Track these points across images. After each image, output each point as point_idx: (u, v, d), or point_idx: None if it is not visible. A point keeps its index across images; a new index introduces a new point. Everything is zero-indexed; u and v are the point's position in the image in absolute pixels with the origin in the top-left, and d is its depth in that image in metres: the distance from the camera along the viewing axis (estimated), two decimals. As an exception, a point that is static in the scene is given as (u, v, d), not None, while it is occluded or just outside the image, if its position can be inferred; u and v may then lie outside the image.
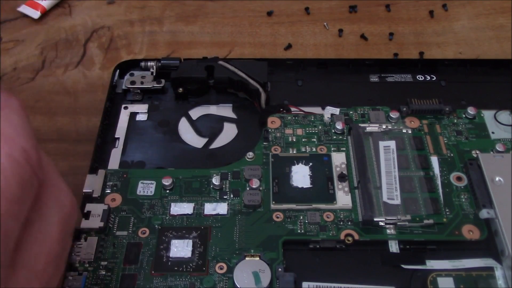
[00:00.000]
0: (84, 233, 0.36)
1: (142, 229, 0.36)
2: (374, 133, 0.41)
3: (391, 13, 0.56)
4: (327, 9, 0.57)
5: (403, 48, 0.53)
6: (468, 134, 0.42)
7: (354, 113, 0.43)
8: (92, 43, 0.52)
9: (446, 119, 0.43)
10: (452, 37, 0.54)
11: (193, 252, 0.35)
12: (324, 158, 0.40)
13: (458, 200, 0.38)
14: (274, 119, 0.43)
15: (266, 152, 0.41)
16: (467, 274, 0.35)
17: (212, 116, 0.44)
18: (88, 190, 0.38)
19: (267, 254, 0.35)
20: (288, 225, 0.37)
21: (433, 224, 0.36)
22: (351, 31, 0.54)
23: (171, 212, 0.37)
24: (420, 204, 0.37)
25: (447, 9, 0.56)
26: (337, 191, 0.38)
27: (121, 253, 0.35)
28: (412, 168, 0.39)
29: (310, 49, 0.53)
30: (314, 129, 0.42)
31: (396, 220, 0.36)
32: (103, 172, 0.39)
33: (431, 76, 0.47)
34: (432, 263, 0.35)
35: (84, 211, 0.37)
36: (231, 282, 0.34)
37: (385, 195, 0.37)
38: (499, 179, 0.37)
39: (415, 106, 0.43)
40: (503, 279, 0.34)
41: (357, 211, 0.37)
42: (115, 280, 0.34)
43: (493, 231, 0.36)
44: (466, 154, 0.41)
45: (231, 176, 0.39)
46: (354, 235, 0.36)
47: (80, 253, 0.35)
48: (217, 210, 0.37)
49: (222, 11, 0.56)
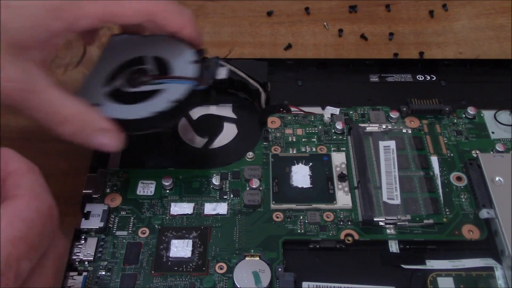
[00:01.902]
0: (84, 233, 0.36)
1: (142, 229, 0.36)
2: (374, 133, 0.41)
3: (391, 13, 0.56)
4: (327, 9, 0.57)
5: (403, 48, 0.53)
6: (468, 134, 0.42)
7: (354, 113, 0.43)
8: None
9: (446, 119, 0.43)
10: (452, 37, 0.54)
11: (193, 252, 0.35)
12: (324, 158, 0.40)
13: (458, 200, 0.38)
14: (274, 119, 0.43)
15: (266, 152, 0.41)
16: (467, 274, 0.35)
17: (212, 116, 0.44)
18: (88, 190, 0.38)
19: (267, 254, 0.35)
20: (288, 225, 0.37)
21: (433, 224, 0.36)
22: (351, 31, 0.54)
23: (171, 212, 0.37)
24: (420, 204, 0.37)
25: (447, 9, 0.56)
26: (337, 191, 0.38)
27: (121, 253, 0.35)
28: (412, 168, 0.39)
29: (310, 49, 0.53)
30: (314, 129, 0.42)
31: (396, 220, 0.36)
32: (103, 172, 0.39)
33: (431, 76, 0.47)
34: (432, 263, 0.35)
35: (84, 211, 0.37)
36: (231, 282, 0.34)
37: (385, 195, 0.37)
38: (499, 179, 0.37)
39: (415, 106, 0.43)
40: (503, 279, 0.34)
41: (357, 211, 0.37)
42: (115, 280, 0.34)
43: (493, 231, 0.36)
44: (466, 154, 0.41)
45: (231, 176, 0.39)
46: (354, 235, 0.36)
47: (80, 253, 0.35)
48: (217, 210, 0.37)
49: (222, 11, 0.56)
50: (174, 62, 0.37)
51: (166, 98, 0.35)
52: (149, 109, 0.34)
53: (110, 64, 0.38)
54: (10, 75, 0.30)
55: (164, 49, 0.38)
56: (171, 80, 0.36)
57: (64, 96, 0.32)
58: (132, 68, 0.38)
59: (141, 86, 0.36)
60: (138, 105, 0.35)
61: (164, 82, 0.36)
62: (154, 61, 0.38)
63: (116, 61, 0.38)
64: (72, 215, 0.39)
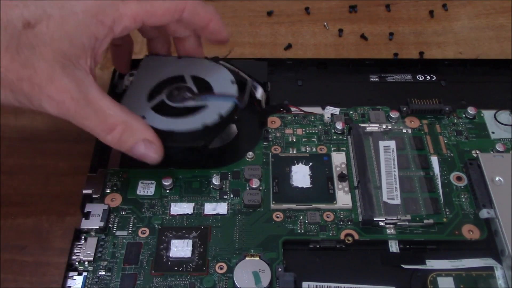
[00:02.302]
0: (84, 233, 0.36)
1: (142, 229, 0.36)
2: (374, 133, 0.41)
3: (391, 13, 0.56)
4: (327, 9, 0.57)
5: (403, 48, 0.53)
6: (468, 134, 0.42)
7: (354, 113, 0.43)
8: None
9: (446, 119, 0.43)
10: (452, 37, 0.54)
11: (193, 252, 0.35)
12: (324, 158, 0.40)
13: (458, 200, 0.38)
14: (274, 119, 0.43)
15: (266, 152, 0.41)
16: (467, 274, 0.35)
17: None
18: (88, 190, 0.38)
19: (267, 254, 0.35)
20: (288, 225, 0.37)
21: (433, 224, 0.36)
22: (351, 31, 0.54)
23: (171, 212, 0.37)
24: (420, 204, 0.37)
25: (447, 9, 0.56)
26: (337, 191, 0.38)
27: (121, 253, 0.35)
28: (412, 168, 0.39)
29: (310, 49, 0.53)
30: (314, 129, 0.42)
31: (396, 220, 0.36)
32: (103, 172, 0.39)
33: (431, 76, 0.47)
34: (432, 263, 0.35)
35: (84, 211, 0.37)
36: (231, 282, 0.34)
37: (385, 195, 0.37)
38: (499, 179, 0.37)
39: (415, 106, 0.43)
40: (503, 279, 0.34)
41: (357, 211, 0.37)
42: (115, 280, 0.34)
43: (493, 231, 0.36)
44: (466, 154, 0.41)
45: (231, 176, 0.39)
46: (354, 235, 0.36)
47: (80, 253, 0.35)
48: (217, 210, 0.37)
49: (222, 11, 0.56)
50: (213, 81, 0.39)
51: (212, 112, 0.36)
52: (196, 123, 0.36)
53: (149, 83, 0.39)
54: (64, 85, 0.30)
55: (200, 69, 0.40)
56: (214, 97, 0.37)
57: (112, 104, 0.33)
58: (173, 85, 0.39)
59: (184, 102, 0.37)
60: (184, 118, 0.36)
61: (208, 98, 0.37)
62: (192, 80, 0.39)
63: (154, 80, 0.39)
64: (72, 215, 0.39)
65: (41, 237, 0.39)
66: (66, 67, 0.31)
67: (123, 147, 0.34)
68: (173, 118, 0.36)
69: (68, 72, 0.31)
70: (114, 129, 0.33)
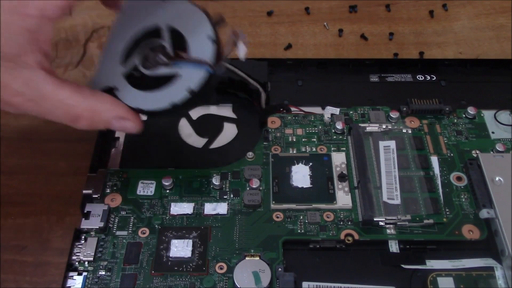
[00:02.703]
0: (84, 233, 0.36)
1: (142, 229, 0.36)
2: (374, 133, 0.41)
3: (391, 13, 0.56)
4: (327, 9, 0.57)
5: (403, 48, 0.53)
6: (468, 134, 0.42)
7: (354, 113, 0.43)
8: (92, 43, 0.52)
9: (446, 119, 0.43)
10: (452, 37, 0.54)
11: (193, 252, 0.35)
12: (324, 158, 0.40)
13: (458, 200, 0.38)
14: (274, 119, 0.43)
15: (266, 152, 0.41)
16: (467, 274, 0.35)
17: (212, 116, 0.44)
18: (88, 190, 0.38)
19: (267, 254, 0.35)
20: (288, 225, 0.37)
21: (433, 224, 0.36)
22: (351, 31, 0.54)
23: (171, 212, 0.37)
24: (420, 204, 0.37)
25: (447, 9, 0.56)
26: (337, 191, 0.38)
27: (121, 253, 0.35)
28: (412, 168, 0.39)
29: (310, 49, 0.53)
30: (314, 129, 0.42)
31: (396, 220, 0.36)
32: (103, 172, 0.39)
33: (431, 76, 0.47)
34: (432, 263, 0.35)
35: (84, 211, 0.37)
36: (231, 282, 0.34)
37: (385, 195, 0.37)
38: (499, 179, 0.37)
39: (415, 106, 0.43)
40: (503, 279, 0.34)
41: (357, 211, 0.37)
42: (115, 280, 0.34)
43: (493, 231, 0.36)
44: (466, 154, 0.41)
45: (231, 176, 0.39)
46: (354, 235, 0.36)
47: (80, 253, 0.35)
48: (217, 210, 0.37)
49: (222, 11, 0.56)
50: (191, 37, 0.35)
51: (182, 86, 0.34)
52: (165, 100, 0.34)
53: (126, 34, 0.37)
54: (15, 90, 0.30)
55: (180, 19, 0.36)
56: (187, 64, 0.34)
57: (72, 92, 0.32)
58: (148, 44, 0.36)
59: (156, 67, 0.35)
60: (154, 93, 0.35)
61: (179, 64, 0.35)
62: (170, 34, 0.36)
63: (131, 30, 0.37)
64: (72, 215, 0.39)
65: (41, 237, 0.39)
66: (13, 69, 0.30)
67: (98, 128, 0.34)
68: (143, 92, 0.35)
69: (15, 75, 0.30)
70: (80, 117, 0.32)
